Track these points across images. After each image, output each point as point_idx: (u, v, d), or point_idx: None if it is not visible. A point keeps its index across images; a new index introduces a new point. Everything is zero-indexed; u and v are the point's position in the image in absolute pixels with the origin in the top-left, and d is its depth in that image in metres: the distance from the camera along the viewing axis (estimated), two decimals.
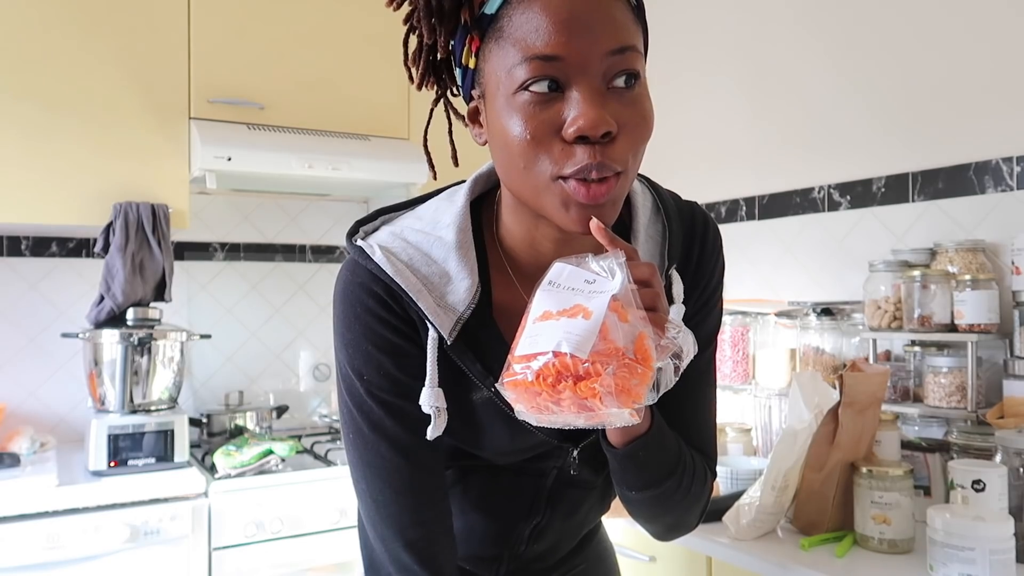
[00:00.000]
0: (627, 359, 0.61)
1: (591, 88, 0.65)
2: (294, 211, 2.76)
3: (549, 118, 0.66)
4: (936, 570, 1.25)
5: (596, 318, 0.61)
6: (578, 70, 0.65)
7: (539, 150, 0.67)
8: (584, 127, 0.64)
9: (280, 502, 2.03)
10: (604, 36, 0.65)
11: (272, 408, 2.54)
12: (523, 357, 0.63)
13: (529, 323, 0.64)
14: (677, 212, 0.86)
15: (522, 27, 0.66)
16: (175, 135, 2.20)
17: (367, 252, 0.77)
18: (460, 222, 0.78)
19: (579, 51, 0.64)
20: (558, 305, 0.64)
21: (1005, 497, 1.31)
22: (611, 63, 0.66)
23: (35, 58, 2.04)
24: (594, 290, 0.64)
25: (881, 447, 1.56)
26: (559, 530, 0.94)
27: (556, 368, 0.61)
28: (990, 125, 1.72)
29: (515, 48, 0.66)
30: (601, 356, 0.60)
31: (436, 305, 0.75)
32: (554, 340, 0.61)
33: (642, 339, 0.62)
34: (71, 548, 1.80)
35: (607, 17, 0.65)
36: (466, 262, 0.77)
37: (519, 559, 0.94)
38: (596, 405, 0.60)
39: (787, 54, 2.17)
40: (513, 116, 0.67)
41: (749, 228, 2.25)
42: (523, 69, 0.65)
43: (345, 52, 2.43)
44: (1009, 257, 1.65)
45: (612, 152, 0.66)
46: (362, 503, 0.82)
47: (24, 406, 2.33)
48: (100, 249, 2.11)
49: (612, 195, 0.67)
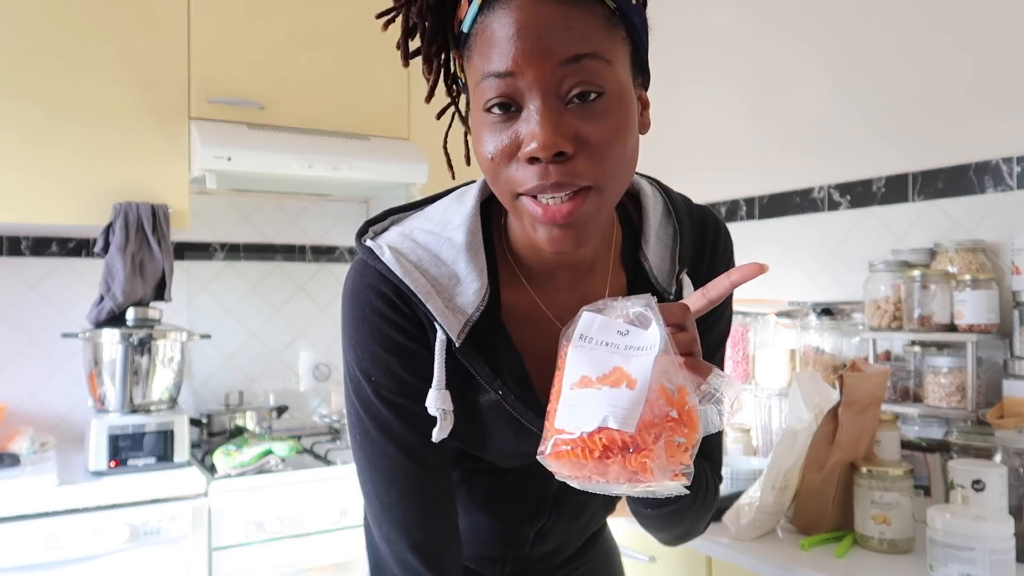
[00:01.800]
0: (672, 421, 0.59)
1: (544, 105, 0.63)
2: (294, 211, 2.76)
3: (508, 138, 0.66)
4: (936, 570, 1.25)
5: (641, 387, 0.59)
6: (531, 85, 0.64)
7: (499, 169, 0.67)
8: (536, 148, 0.63)
9: (280, 502, 2.03)
10: (556, 46, 0.63)
11: (272, 408, 2.54)
12: (565, 431, 0.60)
13: (566, 388, 0.62)
14: (688, 215, 0.85)
15: (482, 45, 0.66)
16: (175, 135, 2.20)
17: (376, 253, 0.76)
18: (470, 224, 0.77)
19: (532, 64, 0.63)
20: (596, 368, 0.61)
21: (1005, 497, 1.31)
22: (565, 74, 0.63)
23: (35, 58, 2.04)
24: (631, 345, 0.62)
25: (881, 447, 1.56)
26: (564, 532, 0.94)
27: (603, 442, 0.59)
28: (990, 125, 1.72)
29: (478, 67, 0.66)
30: (648, 425, 0.59)
31: (445, 307, 0.75)
32: (599, 415, 0.59)
33: (684, 396, 0.60)
34: (71, 548, 1.80)
35: (562, 27, 0.63)
36: (475, 264, 0.76)
37: (524, 559, 0.94)
38: (645, 477, 0.59)
39: (787, 54, 2.17)
40: (481, 134, 0.67)
41: (749, 228, 2.25)
42: (484, 87, 0.66)
43: (345, 52, 2.43)
44: (1009, 257, 1.64)
45: (571, 169, 0.64)
46: (368, 504, 0.82)
47: (24, 406, 2.33)
48: (100, 249, 2.11)
49: (581, 214, 0.66)
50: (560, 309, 0.80)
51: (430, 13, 0.71)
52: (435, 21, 0.71)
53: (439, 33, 0.72)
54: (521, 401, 0.78)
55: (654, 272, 0.81)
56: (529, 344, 0.80)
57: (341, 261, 2.83)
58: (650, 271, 0.81)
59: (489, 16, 0.65)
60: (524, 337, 0.80)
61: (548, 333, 0.79)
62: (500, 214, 0.82)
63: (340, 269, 2.83)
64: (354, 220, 2.86)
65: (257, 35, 2.31)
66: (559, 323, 0.80)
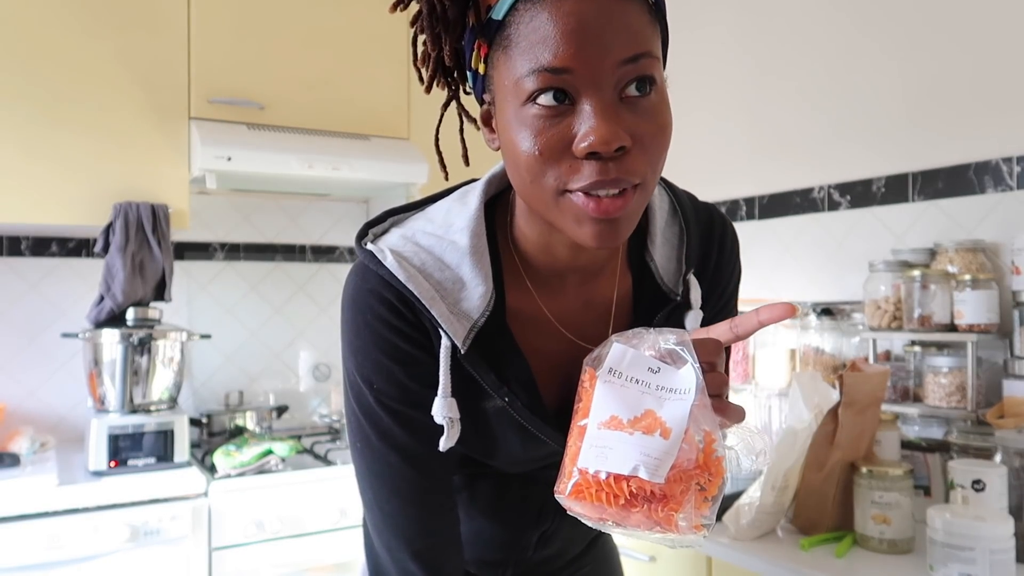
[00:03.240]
0: (698, 468, 0.58)
1: (603, 101, 0.62)
2: (294, 211, 2.76)
3: (559, 132, 0.63)
4: (936, 570, 1.25)
5: (675, 437, 0.57)
6: (589, 82, 0.61)
7: (547, 165, 0.64)
8: (595, 143, 0.61)
9: (280, 502, 2.03)
10: (617, 45, 0.61)
11: (272, 408, 2.54)
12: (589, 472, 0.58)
13: (592, 426, 0.59)
14: (695, 214, 0.83)
15: (529, 37, 0.62)
16: (175, 135, 2.20)
17: (378, 257, 0.73)
18: (474, 226, 0.75)
19: (590, 62, 0.61)
20: (628, 409, 0.59)
21: (1005, 497, 1.31)
22: (624, 72, 0.62)
23: (35, 58, 2.04)
24: (663, 386, 0.60)
25: (881, 447, 1.56)
26: (567, 536, 0.94)
27: (630, 490, 0.57)
28: (990, 125, 1.72)
29: (523, 59, 0.63)
30: (677, 476, 0.57)
31: (449, 312, 0.73)
32: (629, 462, 0.57)
33: (710, 445, 0.58)
34: (71, 548, 1.80)
35: (620, 24, 0.61)
36: (480, 268, 0.74)
37: (526, 563, 0.94)
38: (669, 529, 0.58)
39: (787, 54, 2.17)
40: (522, 130, 0.64)
41: (749, 228, 2.25)
42: (531, 81, 0.62)
43: (345, 52, 2.43)
44: (1009, 257, 1.64)
45: (627, 165, 0.63)
46: (368, 512, 0.81)
47: (24, 406, 2.33)
48: (100, 249, 2.11)
49: (628, 209, 0.64)
50: (565, 313, 0.79)
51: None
52: (454, 6, 0.68)
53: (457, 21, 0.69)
54: (528, 408, 0.76)
55: (660, 273, 0.80)
56: (534, 349, 0.78)
57: (341, 261, 2.83)
58: (656, 272, 0.80)
59: (535, 5, 0.62)
60: (529, 342, 0.78)
61: (553, 337, 0.78)
62: (504, 214, 0.80)
63: (340, 269, 2.83)
64: (354, 220, 2.86)
65: (257, 35, 2.31)
66: (564, 327, 0.79)
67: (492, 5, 0.65)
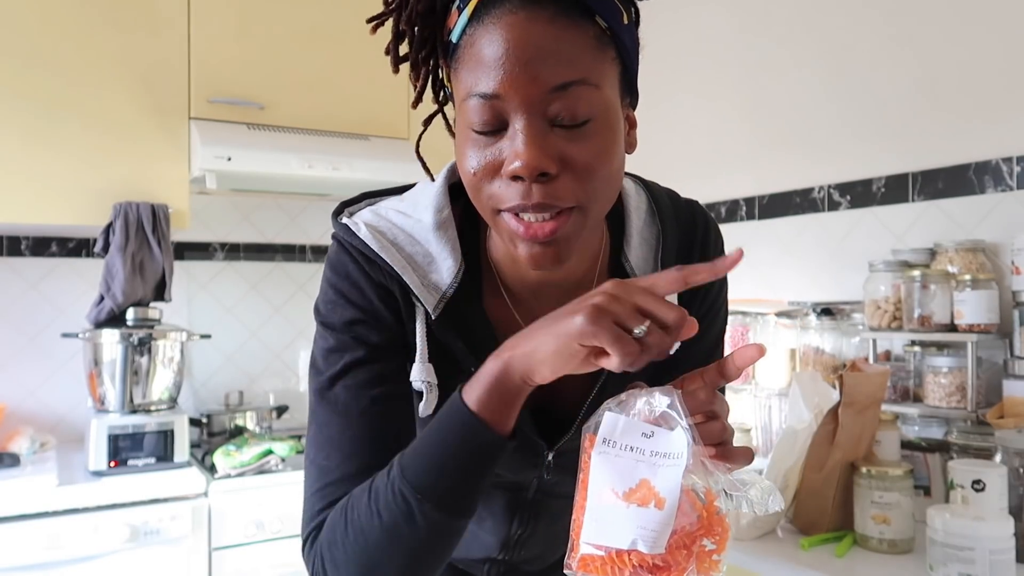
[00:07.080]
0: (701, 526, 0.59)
1: (530, 126, 0.63)
2: (294, 211, 2.76)
3: (492, 154, 0.65)
4: (936, 570, 1.25)
5: (670, 507, 0.58)
6: (517, 107, 0.63)
7: (483, 184, 0.67)
8: (519, 168, 0.63)
9: (280, 502, 2.03)
10: (545, 72, 0.62)
11: (272, 408, 2.53)
12: (592, 545, 0.60)
13: (592, 501, 0.60)
14: (674, 213, 0.83)
15: (469, 61, 0.65)
16: (175, 135, 2.20)
17: (352, 229, 0.76)
18: (436, 203, 0.78)
19: (517, 89, 0.63)
20: (622, 481, 0.60)
21: (1005, 497, 1.31)
22: (553, 99, 0.63)
23: (35, 58, 2.04)
24: (656, 451, 0.60)
25: (881, 447, 1.56)
26: (543, 539, 0.93)
27: (633, 562, 0.58)
28: (990, 125, 1.72)
29: (466, 81, 0.66)
30: (679, 541, 0.58)
31: (421, 284, 0.75)
32: (627, 536, 0.58)
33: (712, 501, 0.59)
34: (71, 548, 1.80)
35: (552, 49, 0.62)
36: (447, 242, 0.76)
37: (507, 563, 0.94)
38: None
39: (787, 53, 2.17)
40: (466, 147, 0.67)
41: (749, 228, 2.25)
42: (469, 105, 0.65)
43: (345, 52, 2.43)
44: (1009, 257, 1.64)
45: (553, 191, 0.64)
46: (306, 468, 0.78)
47: (24, 406, 2.33)
48: (100, 249, 2.11)
49: (563, 232, 0.65)
50: None
51: (420, 20, 0.70)
52: (424, 28, 0.71)
53: (428, 40, 0.71)
54: None
55: (637, 276, 0.79)
56: None
57: None
58: (632, 275, 0.79)
59: (479, 30, 0.64)
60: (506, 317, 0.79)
61: None
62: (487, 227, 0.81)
63: None
64: None
65: (257, 35, 2.31)
66: None
67: (452, 28, 0.68)
